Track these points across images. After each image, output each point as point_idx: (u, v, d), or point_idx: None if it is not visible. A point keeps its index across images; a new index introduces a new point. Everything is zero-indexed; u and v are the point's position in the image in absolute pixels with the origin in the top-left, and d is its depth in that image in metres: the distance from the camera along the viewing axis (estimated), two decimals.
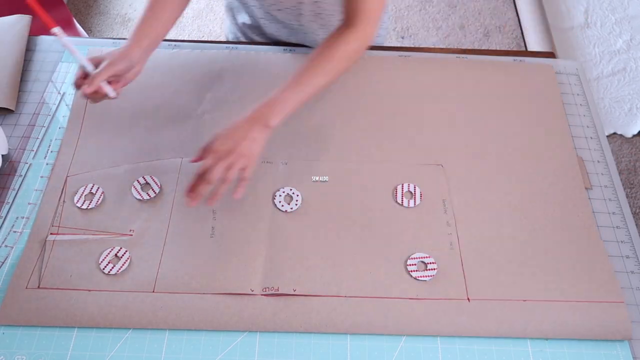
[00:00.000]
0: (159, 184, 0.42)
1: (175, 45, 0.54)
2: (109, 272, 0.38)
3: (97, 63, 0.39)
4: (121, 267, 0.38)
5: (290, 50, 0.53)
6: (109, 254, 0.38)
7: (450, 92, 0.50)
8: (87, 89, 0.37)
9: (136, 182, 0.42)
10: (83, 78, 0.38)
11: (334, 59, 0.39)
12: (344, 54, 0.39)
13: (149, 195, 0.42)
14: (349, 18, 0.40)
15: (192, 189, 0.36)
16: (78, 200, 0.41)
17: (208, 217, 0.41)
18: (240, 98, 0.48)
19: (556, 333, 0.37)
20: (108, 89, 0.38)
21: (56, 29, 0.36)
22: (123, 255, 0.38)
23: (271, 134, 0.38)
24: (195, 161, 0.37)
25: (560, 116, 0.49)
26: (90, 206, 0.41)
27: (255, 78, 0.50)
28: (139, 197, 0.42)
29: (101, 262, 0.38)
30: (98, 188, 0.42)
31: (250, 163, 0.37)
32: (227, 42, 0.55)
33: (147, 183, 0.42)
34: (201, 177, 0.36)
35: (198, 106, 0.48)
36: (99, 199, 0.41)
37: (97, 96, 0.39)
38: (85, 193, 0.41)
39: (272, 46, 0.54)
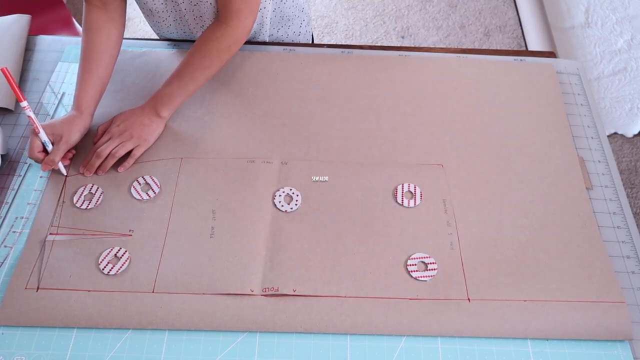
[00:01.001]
0: (158, 184, 0.42)
1: (175, 45, 0.54)
2: (108, 272, 0.38)
3: (54, 134, 0.41)
4: (121, 267, 0.38)
5: (290, 50, 0.53)
6: (108, 254, 0.38)
7: (451, 91, 0.50)
8: (45, 167, 0.41)
9: (136, 182, 0.42)
10: (42, 151, 0.41)
11: (209, 55, 0.42)
12: (217, 51, 0.42)
13: (148, 195, 0.42)
14: (222, 15, 0.42)
15: (86, 164, 0.42)
16: (77, 201, 0.41)
17: (208, 217, 0.40)
18: (239, 98, 0.48)
19: (557, 333, 0.37)
20: (61, 169, 0.42)
21: (24, 103, 0.38)
22: (122, 255, 0.38)
23: (164, 123, 0.43)
24: (95, 142, 0.42)
25: (561, 116, 0.49)
26: (89, 206, 0.41)
27: (255, 78, 0.50)
28: (138, 197, 0.42)
29: (101, 262, 0.38)
30: (97, 188, 0.42)
31: (142, 144, 0.42)
32: None
33: (146, 183, 0.42)
34: (95, 153, 0.41)
35: (198, 107, 0.48)
36: (98, 199, 0.41)
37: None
38: (84, 193, 0.41)
39: (271, 45, 0.54)
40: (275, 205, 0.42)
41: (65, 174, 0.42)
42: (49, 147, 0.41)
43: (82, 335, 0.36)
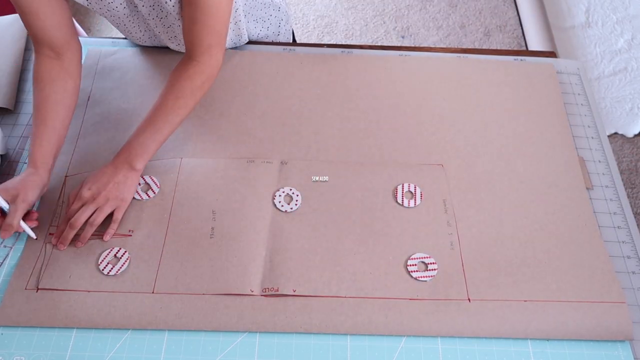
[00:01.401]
0: (158, 184, 0.42)
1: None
2: (108, 272, 0.38)
3: (8, 194, 0.36)
4: (120, 267, 0.38)
5: (290, 50, 0.53)
6: (108, 254, 0.38)
7: (451, 91, 0.50)
8: (5, 234, 0.36)
9: None
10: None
11: (183, 96, 0.40)
12: (190, 90, 0.40)
13: (148, 195, 0.42)
14: (192, 52, 0.40)
15: (59, 235, 0.38)
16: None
17: (208, 218, 0.40)
18: (239, 98, 0.48)
19: (557, 333, 0.36)
20: (28, 231, 0.38)
21: None
22: (122, 255, 0.38)
23: (139, 176, 0.40)
24: (67, 211, 0.38)
25: (561, 116, 0.49)
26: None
27: (254, 78, 0.50)
28: (138, 197, 0.41)
29: (100, 262, 0.38)
30: None
31: (120, 205, 0.39)
32: None
33: (146, 183, 0.42)
34: (68, 223, 0.38)
35: (198, 107, 0.47)
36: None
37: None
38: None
39: (272, 45, 0.54)
40: (275, 205, 0.41)
41: (35, 237, 0.38)
42: (6, 209, 0.36)
43: (81, 335, 0.36)
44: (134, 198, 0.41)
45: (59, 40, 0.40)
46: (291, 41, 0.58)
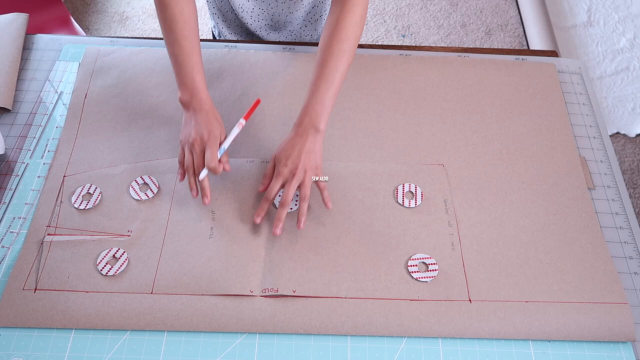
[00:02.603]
0: (157, 184, 0.42)
1: None
2: (106, 273, 0.37)
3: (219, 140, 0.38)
4: (119, 268, 0.38)
5: (289, 49, 0.53)
6: (106, 255, 0.38)
7: (452, 91, 0.49)
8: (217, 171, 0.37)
9: (134, 182, 0.42)
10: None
11: (347, 37, 0.37)
12: (353, 26, 0.38)
13: (147, 195, 0.41)
14: None
15: (265, 215, 0.37)
16: (75, 201, 0.40)
17: (207, 218, 0.40)
18: (239, 97, 0.48)
19: (559, 334, 0.36)
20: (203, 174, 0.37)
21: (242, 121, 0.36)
22: (121, 256, 0.38)
23: (322, 136, 0.38)
24: (263, 191, 0.38)
25: (563, 115, 0.48)
26: (87, 207, 0.40)
27: (254, 77, 0.50)
28: (137, 197, 0.41)
29: (99, 263, 0.38)
30: (96, 188, 0.41)
31: (318, 172, 0.38)
32: (227, 40, 0.54)
33: (145, 183, 0.42)
34: (279, 204, 0.37)
35: None
36: (96, 199, 0.41)
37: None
38: (82, 193, 0.41)
39: (272, 45, 0.54)
40: (274, 205, 0.41)
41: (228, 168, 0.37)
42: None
43: (80, 336, 0.35)
44: (132, 198, 0.41)
45: None
46: None
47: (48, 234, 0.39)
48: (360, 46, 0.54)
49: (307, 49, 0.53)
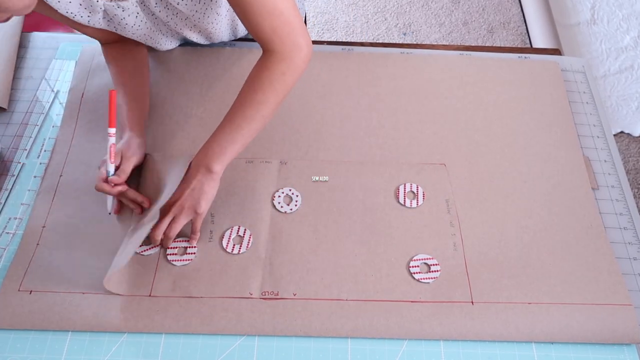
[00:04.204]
0: None
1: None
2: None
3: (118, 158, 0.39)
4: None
5: None
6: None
7: (453, 90, 0.49)
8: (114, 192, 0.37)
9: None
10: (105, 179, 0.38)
11: (262, 89, 0.37)
12: (270, 80, 0.37)
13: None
14: (263, 44, 0.37)
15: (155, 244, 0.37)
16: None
17: (206, 221, 0.40)
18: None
19: (562, 336, 0.36)
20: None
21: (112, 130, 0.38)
22: None
23: (218, 179, 0.37)
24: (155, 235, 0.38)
25: (566, 114, 0.48)
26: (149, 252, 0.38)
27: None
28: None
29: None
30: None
31: (195, 216, 0.37)
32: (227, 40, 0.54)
33: None
34: (156, 233, 0.37)
35: (195, 105, 0.47)
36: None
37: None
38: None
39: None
40: (274, 206, 0.41)
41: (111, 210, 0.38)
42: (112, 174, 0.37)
43: (76, 338, 0.35)
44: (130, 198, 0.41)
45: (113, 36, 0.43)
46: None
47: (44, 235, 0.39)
48: (361, 44, 0.53)
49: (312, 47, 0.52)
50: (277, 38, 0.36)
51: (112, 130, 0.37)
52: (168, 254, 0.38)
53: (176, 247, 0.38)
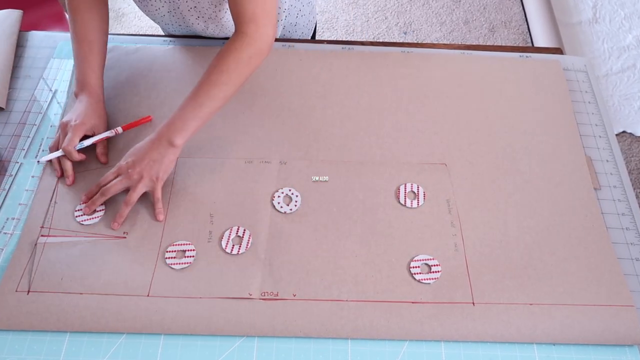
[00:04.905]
0: None
1: (171, 41, 0.52)
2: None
3: (90, 130, 0.41)
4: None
5: (289, 46, 0.52)
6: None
7: (454, 89, 0.49)
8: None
9: None
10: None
11: (227, 70, 0.38)
12: (237, 62, 0.38)
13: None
14: (238, 24, 0.39)
15: (90, 196, 0.39)
16: (79, 216, 0.39)
17: (205, 221, 0.39)
18: (237, 95, 0.47)
19: (564, 338, 0.36)
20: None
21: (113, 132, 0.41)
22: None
23: (179, 152, 0.39)
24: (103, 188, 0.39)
25: (568, 114, 0.47)
26: (90, 222, 0.38)
27: (253, 75, 0.49)
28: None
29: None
30: (102, 204, 0.39)
31: (155, 185, 0.38)
32: (227, 38, 0.53)
33: None
34: (100, 188, 0.39)
35: None
36: (100, 215, 0.39)
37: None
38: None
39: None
40: (274, 206, 0.40)
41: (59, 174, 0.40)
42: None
43: (75, 339, 0.35)
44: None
45: None
46: (310, 36, 0.58)
47: (42, 235, 0.38)
48: (361, 43, 0.53)
49: (307, 46, 0.52)
50: (254, 24, 0.38)
51: (120, 130, 0.41)
52: (167, 257, 0.38)
53: (175, 251, 0.38)
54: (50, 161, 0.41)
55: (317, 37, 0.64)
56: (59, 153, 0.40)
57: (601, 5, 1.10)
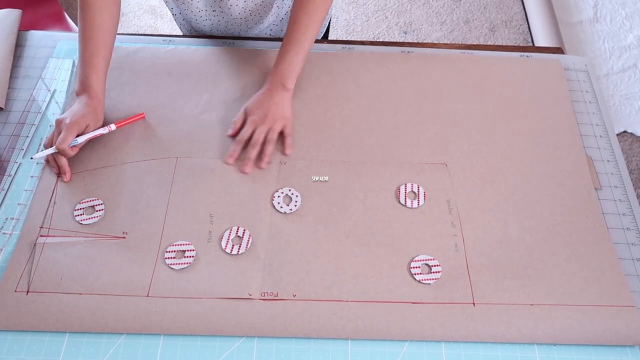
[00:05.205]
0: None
1: (170, 40, 0.52)
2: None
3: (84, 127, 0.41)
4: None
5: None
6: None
7: (455, 89, 0.49)
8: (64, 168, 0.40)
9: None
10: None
11: (315, 9, 0.42)
12: (321, 1, 0.42)
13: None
14: None
15: (238, 156, 0.42)
16: (78, 215, 0.39)
17: (205, 221, 0.39)
18: (237, 98, 0.47)
19: (564, 338, 0.36)
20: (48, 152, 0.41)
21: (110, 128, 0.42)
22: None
23: (291, 95, 0.44)
24: (233, 135, 0.43)
25: (569, 114, 0.47)
26: (89, 221, 0.38)
27: (252, 76, 0.49)
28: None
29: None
30: (101, 204, 0.39)
31: (286, 123, 0.43)
32: (226, 37, 0.53)
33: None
34: (248, 143, 0.42)
35: (194, 106, 0.46)
36: (98, 215, 0.39)
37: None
38: (85, 207, 0.39)
39: (271, 42, 0.52)
40: (274, 206, 0.40)
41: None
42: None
43: (74, 340, 0.35)
44: (127, 199, 0.40)
45: None
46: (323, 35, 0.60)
47: (41, 236, 0.38)
48: (361, 43, 0.53)
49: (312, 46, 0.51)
50: None
51: (113, 127, 0.42)
52: (166, 258, 0.38)
53: (174, 251, 0.38)
54: (47, 161, 0.41)
55: (317, 37, 0.63)
56: (51, 150, 0.40)
57: (602, 4, 1.10)
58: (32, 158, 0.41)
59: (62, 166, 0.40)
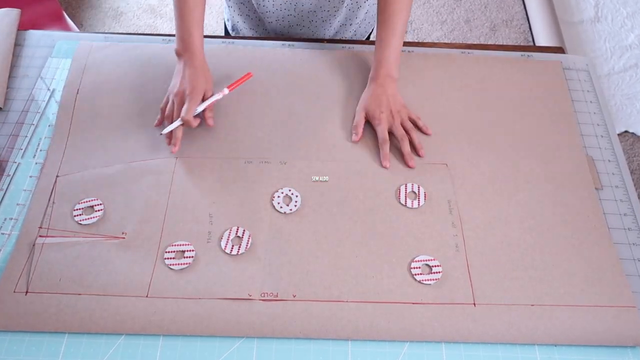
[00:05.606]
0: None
1: (169, 40, 0.52)
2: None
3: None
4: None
5: (289, 45, 0.52)
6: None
7: (455, 88, 0.48)
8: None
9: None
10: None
11: (401, 1, 0.44)
12: None
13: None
14: None
15: (386, 156, 0.43)
16: (77, 215, 0.39)
17: (205, 222, 0.39)
18: (237, 95, 0.47)
19: (565, 339, 0.35)
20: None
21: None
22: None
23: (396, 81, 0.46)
24: (357, 140, 0.44)
25: (570, 114, 0.47)
26: (88, 222, 0.38)
27: (253, 77, 0.48)
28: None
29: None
30: (100, 204, 0.39)
31: (407, 110, 0.45)
32: (225, 37, 0.53)
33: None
34: (389, 141, 0.43)
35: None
36: (98, 215, 0.39)
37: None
38: (84, 207, 0.39)
39: (271, 41, 0.52)
40: (273, 206, 0.40)
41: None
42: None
43: (73, 340, 0.34)
44: (127, 199, 0.40)
45: None
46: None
47: (40, 236, 0.38)
48: (362, 42, 0.53)
49: (307, 45, 0.51)
50: None
51: (226, 91, 0.43)
52: (166, 258, 0.37)
53: (174, 251, 0.38)
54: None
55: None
56: (178, 122, 0.40)
57: (603, 4, 1.10)
58: (161, 134, 0.41)
59: (178, 137, 0.41)
